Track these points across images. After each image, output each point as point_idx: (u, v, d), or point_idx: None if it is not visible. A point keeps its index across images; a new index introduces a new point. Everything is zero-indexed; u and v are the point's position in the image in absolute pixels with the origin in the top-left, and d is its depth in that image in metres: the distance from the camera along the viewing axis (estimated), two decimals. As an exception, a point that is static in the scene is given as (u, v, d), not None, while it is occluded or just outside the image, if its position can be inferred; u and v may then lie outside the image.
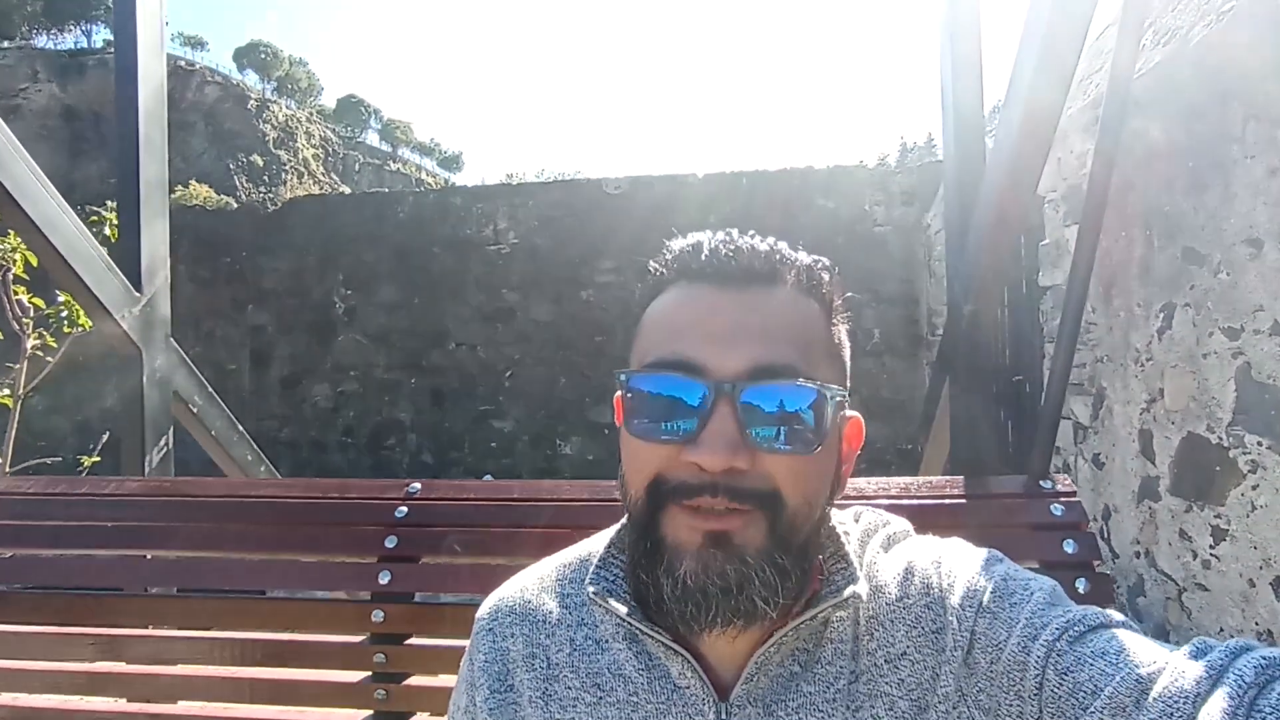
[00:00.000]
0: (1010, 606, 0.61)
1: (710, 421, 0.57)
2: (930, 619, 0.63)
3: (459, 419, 7.87)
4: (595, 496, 1.26)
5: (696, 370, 0.58)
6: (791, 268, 0.62)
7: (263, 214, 8.42)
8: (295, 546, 1.33)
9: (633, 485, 0.62)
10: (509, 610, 0.72)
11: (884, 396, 7.04)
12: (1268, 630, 2.55)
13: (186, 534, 1.35)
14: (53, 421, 7.91)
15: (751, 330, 0.59)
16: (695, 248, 0.63)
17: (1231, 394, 2.74)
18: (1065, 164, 4.14)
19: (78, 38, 50.05)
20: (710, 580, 0.57)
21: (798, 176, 7.32)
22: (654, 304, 0.65)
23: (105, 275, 1.54)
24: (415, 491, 1.34)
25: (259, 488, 1.41)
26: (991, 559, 0.66)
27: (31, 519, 1.41)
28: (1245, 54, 2.75)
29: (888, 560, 0.68)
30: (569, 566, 0.74)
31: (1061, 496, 1.15)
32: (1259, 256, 2.61)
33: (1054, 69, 1.34)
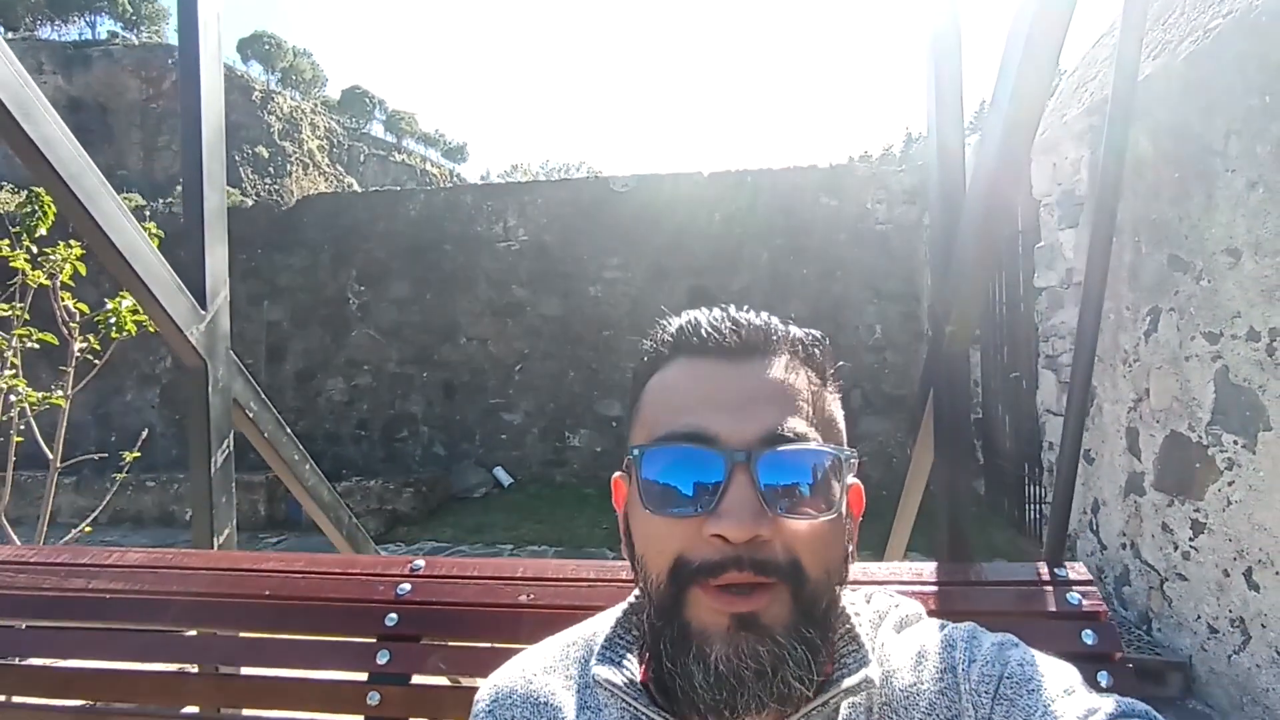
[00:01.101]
0: (1028, 694, 0.59)
1: (730, 491, 0.56)
2: (945, 706, 0.61)
3: (470, 412, 8.05)
4: (602, 576, 1.23)
5: (711, 440, 0.58)
6: (786, 340, 0.63)
7: (277, 212, 8.58)
8: (294, 622, 1.28)
9: (654, 569, 0.60)
10: (509, 692, 0.70)
11: (885, 391, 7.19)
12: (1239, 617, 2.72)
13: (187, 607, 1.31)
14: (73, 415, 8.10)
15: (759, 399, 0.59)
16: (694, 324, 0.63)
17: (1211, 395, 2.90)
18: (1060, 169, 4.28)
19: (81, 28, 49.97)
20: (744, 664, 0.55)
21: (801, 175, 7.45)
22: (654, 380, 0.64)
23: (177, 297, 1.69)
24: (419, 568, 1.30)
25: (262, 561, 1.38)
26: (1007, 644, 0.64)
27: (30, 589, 1.37)
28: (1229, 71, 2.88)
29: (900, 644, 0.66)
30: (573, 646, 0.72)
31: (1077, 584, 1.11)
32: (1237, 266, 2.76)
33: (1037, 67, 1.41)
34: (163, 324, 1.69)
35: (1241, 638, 2.71)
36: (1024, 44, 1.54)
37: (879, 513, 2.12)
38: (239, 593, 1.32)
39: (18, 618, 1.38)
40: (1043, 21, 1.51)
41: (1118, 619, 3.50)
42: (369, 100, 57.26)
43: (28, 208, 2.91)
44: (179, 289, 1.70)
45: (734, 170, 7.58)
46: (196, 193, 1.77)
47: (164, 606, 1.32)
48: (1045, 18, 1.52)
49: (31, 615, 1.37)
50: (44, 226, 2.89)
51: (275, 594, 1.31)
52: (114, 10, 49.57)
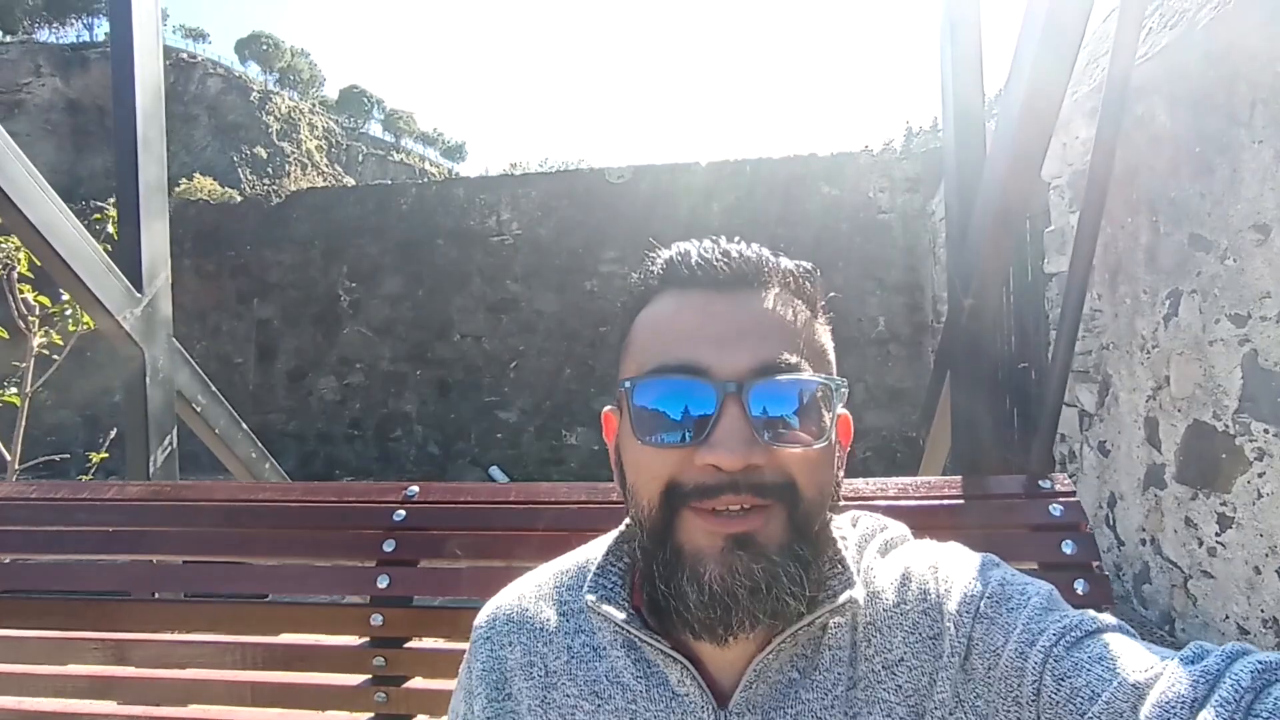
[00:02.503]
0: (1007, 612, 0.61)
1: (722, 421, 0.57)
2: (927, 625, 0.63)
3: (465, 410, 7.89)
4: (594, 499, 1.26)
5: (702, 372, 0.58)
6: (778, 271, 0.64)
7: (266, 207, 8.42)
8: (295, 550, 1.32)
9: (644, 494, 0.61)
10: (506, 618, 0.72)
11: (889, 384, 7.02)
12: (1273, 617, 2.55)
13: (187, 539, 1.35)
14: (60, 416, 7.97)
15: (750, 330, 0.60)
16: (684, 255, 0.64)
17: (1238, 381, 2.72)
18: (1070, 150, 4.10)
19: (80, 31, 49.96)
20: (738, 582, 0.57)
21: (801, 164, 7.27)
22: (644, 313, 0.65)
23: (105, 277, 1.54)
24: (413, 495, 1.33)
25: (259, 491, 1.41)
26: (988, 563, 0.66)
27: (33, 524, 1.41)
28: (1253, 37, 2.71)
29: (885, 566, 0.68)
30: (567, 574, 0.74)
31: (1060, 496, 1.14)
32: (1266, 242, 2.59)
33: (1056, 49, 1.30)
34: (90, 307, 1.54)
35: (1276, 639, 2.54)
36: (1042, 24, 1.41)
37: (886, 509, 1.97)
38: (238, 523, 1.36)
39: (21, 553, 1.45)
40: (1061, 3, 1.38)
41: (1137, 619, 3.33)
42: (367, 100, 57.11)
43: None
44: (108, 269, 1.53)
45: (732, 160, 7.41)
46: (130, 162, 1.59)
47: (165, 539, 1.37)
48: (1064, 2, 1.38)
49: (35, 550, 1.43)
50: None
51: (274, 524, 1.35)
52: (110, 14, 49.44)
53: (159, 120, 1.67)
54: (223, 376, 6.90)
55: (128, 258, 1.62)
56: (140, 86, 1.60)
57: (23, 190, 1.35)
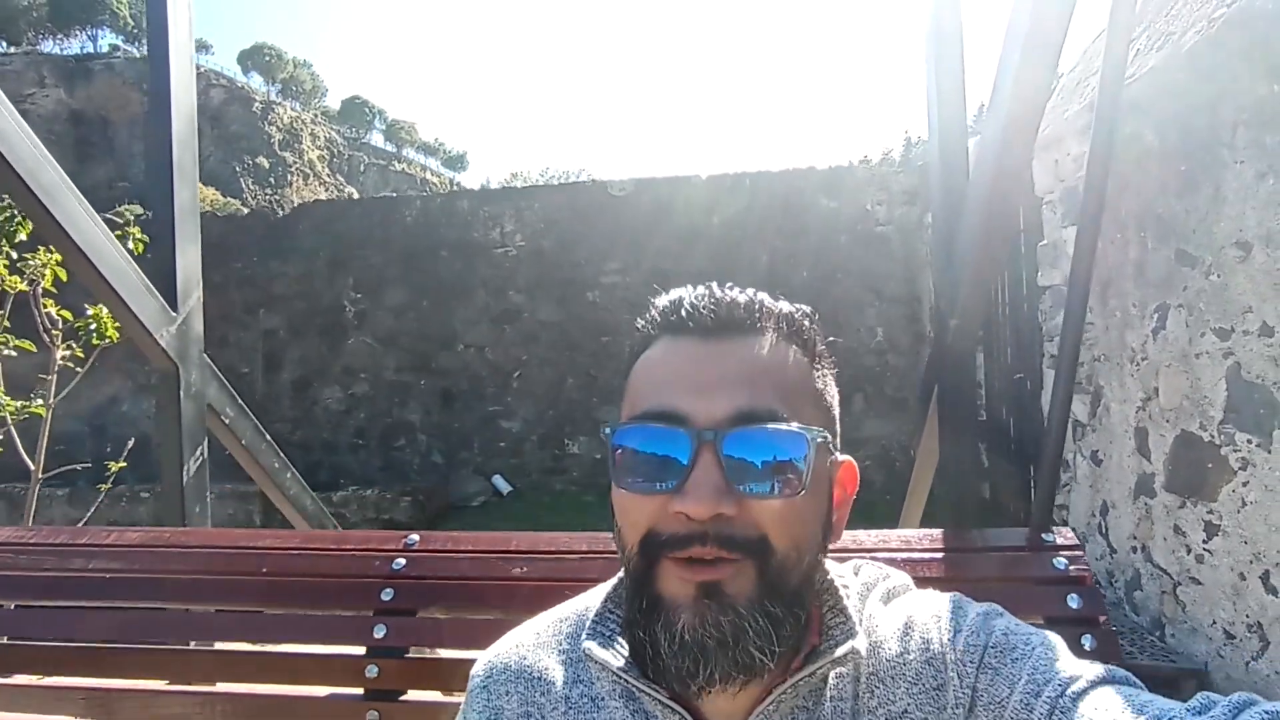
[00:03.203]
0: (1012, 662, 0.60)
1: (695, 470, 0.57)
2: (931, 675, 0.62)
3: (468, 419, 7.97)
4: (594, 548, 1.24)
5: (680, 420, 0.58)
6: (771, 316, 0.63)
7: (272, 219, 8.53)
8: (292, 599, 1.31)
9: (627, 541, 0.61)
10: (504, 668, 0.71)
11: (887, 394, 7.11)
12: (1257, 622, 2.63)
13: (184, 586, 1.33)
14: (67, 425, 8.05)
15: (733, 378, 0.59)
16: (676, 303, 0.64)
17: (1223, 393, 2.81)
18: (1062, 166, 4.20)
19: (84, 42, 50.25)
20: (707, 633, 0.56)
21: (800, 177, 7.39)
22: (641, 359, 0.65)
23: (144, 297, 1.63)
24: (413, 543, 1.32)
25: (258, 539, 1.39)
26: (991, 613, 0.66)
27: (31, 570, 1.39)
28: (1236, 60, 2.81)
29: (887, 615, 0.67)
30: (565, 622, 0.74)
31: (1064, 550, 1.13)
32: (1248, 259, 2.68)
33: (1036, 66, 1.38)
34: (130, 326, 1.62)
35: (1260, 644, 2.62)
36: (1023, 39, 1.49)
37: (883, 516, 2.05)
38: (236, 570, 1.34)
39: (17, 597, 1.41)
40: (1042, 16, 1.46)
41: (1128, 624, 3.40)
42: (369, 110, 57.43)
43: (6, 214, 2.84)
44: (147, 290, 1.63)
45: (732, 173, 7.53)
46: (166, 188, 1.70)
47: (162, 585, 1.35)
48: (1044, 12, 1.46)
49: (31, 595, 1.40)
50: (24, 232, 2.83)
51: (272, 571, 1.33)
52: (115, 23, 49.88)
53: (192, 148, 1.77)
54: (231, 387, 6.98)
55: (164, 279, 1.71)
56: (176, 116, 1.70)
57: (74, 219, 1.44)
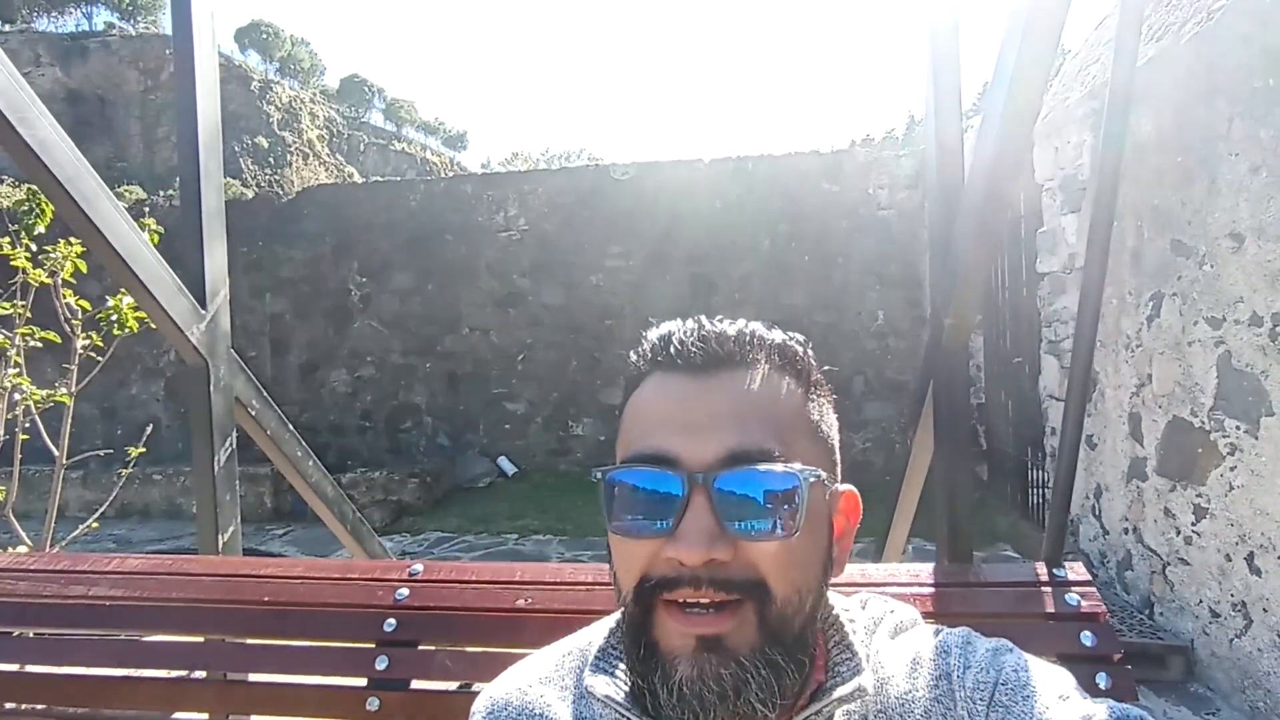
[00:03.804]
0: (1023, 700, 0.58)
1: (687, 514, 0.56)
2: (940, 713, 0.60)
3: (473, 402, 8.07)
4: (599, 580, 1.23)
5: (671, 462, 0.57)
6: (763, 348, 0.61)
7: (277, 204, 8.57)
8: (293, 629, 1.29)
9: (623, 586, 0.60)
10: (505, 704, 0.70)
11: (888, 377, 7.19)
12: (1242, 601, 2.73)
13: (185, 613, 1.31)
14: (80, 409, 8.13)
15: (723, 417, 0.58)
16: (664, 339, 0.62)
17: (1213, 380, 2.89)
18: (1062, 153, 4.25)
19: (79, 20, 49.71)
20: (706, 686, 0.55)
21: (803, 161, 7.41)
22: (632, 398, 0.64)
23: (176, 297, 1.70)
24: (417, 573, 1.31)
25: (261, 567, 1.38)
26: (1001, 649, 0.64)
27: (31, 596, 1.37)
28: (1233, 53, 2.85)
29: (895, 651, 0.66)
30: (569, 657, 0.73)
31: (1076, 585, 1.10)
32: (1240, 250, 2.75)
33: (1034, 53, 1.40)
34: (164, 325, 1.70)
35: (1243, 622, 2.72)
36: (1024, 27, 1.53)
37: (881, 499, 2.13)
38: (238, 599, 1.32)
39: (18, 625, 1.38)
40: (1042, 3, 1.50)
41: (1119, 603, 3.51)
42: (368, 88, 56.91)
43: (25, 205, 2.91)
44: (179, 290, 1.70)
45: (734, 157, 7.54)
46: (194, 192, 1.77)
47: (164, 613, 1.32)
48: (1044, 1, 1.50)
49: (32, 622, 1.37)
50: (42, 224, 2.90)
51: (274, 600, 1.31)
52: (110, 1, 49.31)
53: (217, 153, 1.84)
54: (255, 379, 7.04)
55: (193, 279, 1.78)
56: (202, 124, 1.76)
57: (113, 226, 1.51)
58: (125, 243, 1.54)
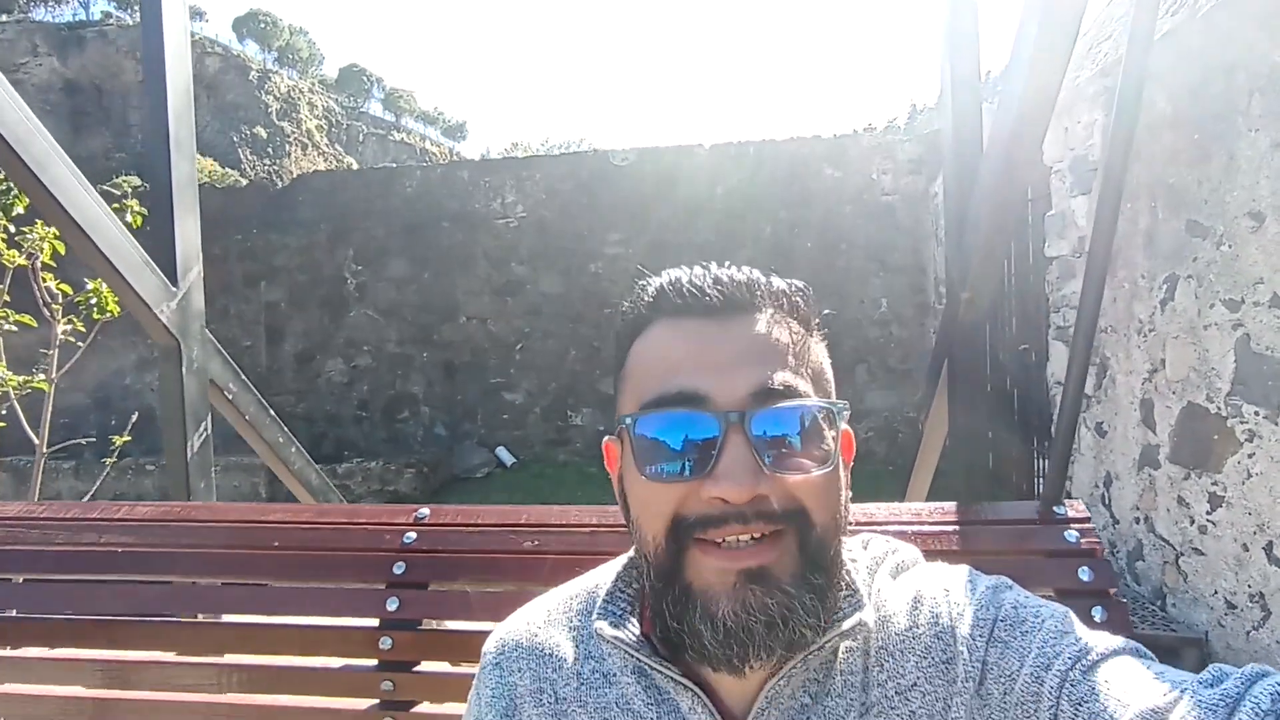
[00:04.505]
0: (1022, 635, 0.60)
1: (726, 451, 0.56)
2: (940, 649, 0.62)
3: (471, 391, 7.98)
4: (604, 522, 1.25)
5: (701, 401, 0.57)
6: (769, 293, 0.62)
7: (272, 191, 8.46)
8: (304, 573, 1.31)
9: (649, 530, 0.60)
10: (515, 645, 0.71)
11: (891, 365, 7.09)
12: (1259, 593, 2.64)
13: (195, 560, 1.34)
14: (71, 399, 8.07)
15: (747, 356, 0.59)
16: (674, 284, 0.62)
17: (1231, 364, 2.79)
18: (1072, 134, 4.14)
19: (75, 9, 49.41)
20: (753, 618, 0.56)
21: (805, 146, 7.29)
22: (638, 343, 0.64)
23: (143, 271, 1.61)
24: (424, 517, 1.32)
25: (268, 513, 1.39)
26: (1001, 586, 0.65)
27: (43, 544, 1.39)
28: (1252, 26, 2.74)
29: (896, 589, 0.67)
30: (576, 599, 0.74)
31: (1075, 522, 1.13)
32: (1260, 229, 2.64)
33: (1055, 33, 1.34)
34: (130, 302, 1.61)
35: (1261, 613, 2.63)
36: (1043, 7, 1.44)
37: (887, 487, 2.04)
38: (247, 544, 1.35)
39: (30, 572, 1.42)
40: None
41: (1130, 594, 3.43)
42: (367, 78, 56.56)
43: (3, 186, 2.81)
44: (146, 264, 1.61)
45: (736, 142, 7.43)
46: (164, 161, 1.67)
47: (173, 559, 1.35)
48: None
49: (44, 570, 1.41)
50: (20, 205, 2.80)
51: (284, 545, 1.33)
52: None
53: (189, 120, 1.74)
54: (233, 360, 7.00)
55: (163, 253, 1.69)
56: (171, 89, 1.66)
57: (68, 191, 1.42)
58: (84, 211, 1.44)
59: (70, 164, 1.44)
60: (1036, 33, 1.42)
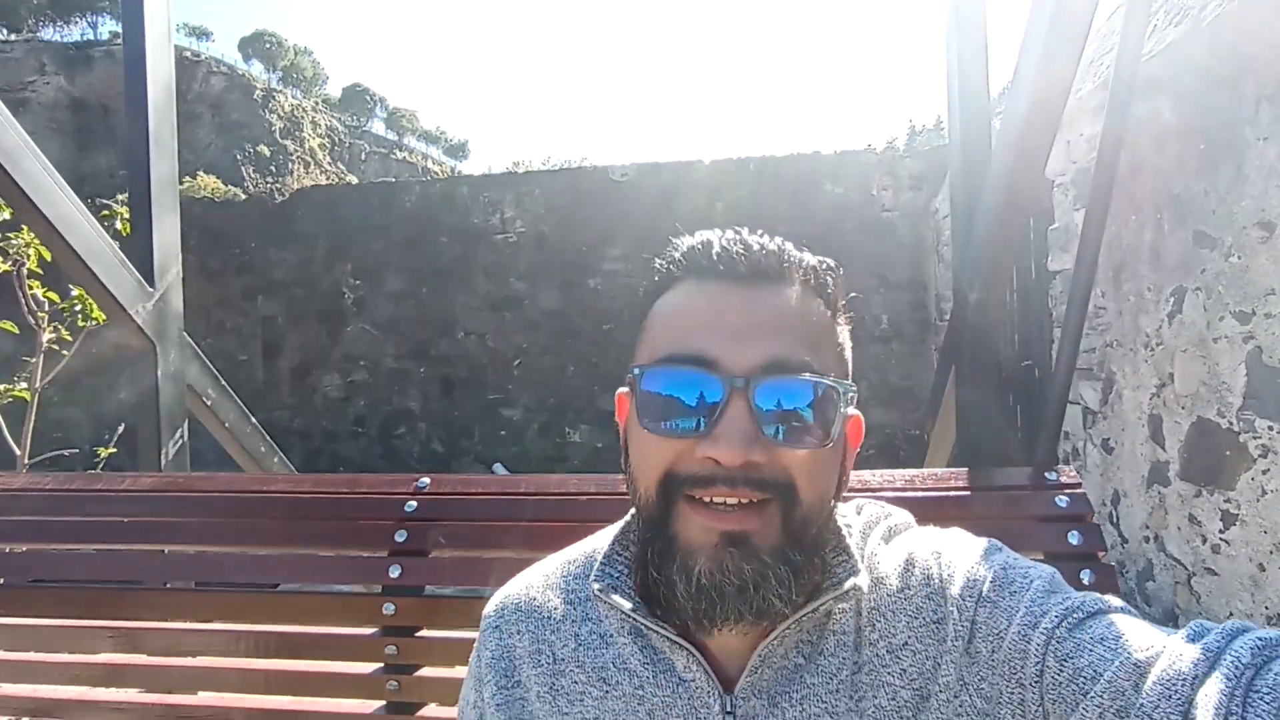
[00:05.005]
0: (1010, 595, 0.61)
1: (725, 416, 0.57)
2: (931, 609, 0.63)
3: (468, 407, 7.91)
4: (603, 490, 1.27)
5: (711, 364, 0.58)
6: (799, 267, 0.63)
7: (271, 205, 8.44)
8: (307, 541, 1.34)
9: (643, 481, 0.62)
10: (514, 608, 0.73)
11: (892, 382, 7.03)
12: (1277, 614, 2.56)
13: (201, 529, 1.37)
14: (67, 413, 8.00)
15: (764, 326, 0.59)
16: (705, 245, 0.63)
17: (1242, 378, 2.73)
18: (1075, 147, 4.10)
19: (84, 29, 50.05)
20: (726, 579, 0.57)
21: (805, 162, 7.27)
22: (662, 300, 0.65)
23: (119, 272, 1.56)
24: (424, 486, 1.35)
25: (271, 483, 1.41)
26: (991, 548, 0.66)
27: (49, 514, 1.42)
28: (1258, 34, 2.71)
29: (888, 552, 0.68)
30: (574, 563, 0.75)
31: (1066, 488, 1.15)
32: (1271, 239, 2.59)
33: (1063, 44, 1.31)
34: (104, 302, 1.55)
35: (1278, 636, 2.55)
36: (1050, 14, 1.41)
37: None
38: (250, 513, 1.37)
39: (36, 541, 1.44)
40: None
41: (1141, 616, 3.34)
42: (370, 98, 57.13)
43: (-11, 191, 2.76)
44: (121, 264, 1.55)
45: (736, 157, 7.42)
46: (142, 159, 1.61)
47: (178, 528, 1.38)
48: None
49: (50, 539, 1.43)
50: (6, 211, 2.75)
51: (286, 515, 1.36)
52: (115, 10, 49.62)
53: (170, 118, 1.69)
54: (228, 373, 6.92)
55: (140, 253, 1.64)
56: (152, 84, 1.61)
57: (39, 186, 1.36)
58: (57, 208, 1.38)
59: (44, 160, 1.39)
60: (1044, 39, 1.40)
